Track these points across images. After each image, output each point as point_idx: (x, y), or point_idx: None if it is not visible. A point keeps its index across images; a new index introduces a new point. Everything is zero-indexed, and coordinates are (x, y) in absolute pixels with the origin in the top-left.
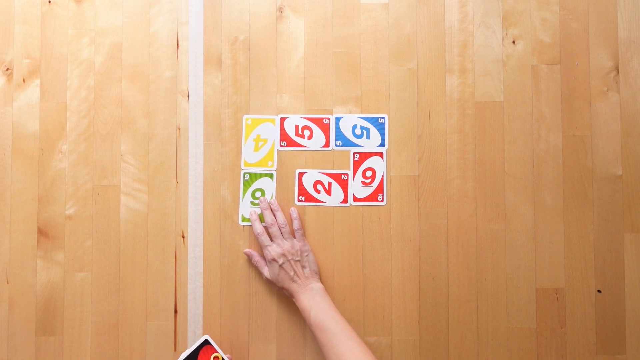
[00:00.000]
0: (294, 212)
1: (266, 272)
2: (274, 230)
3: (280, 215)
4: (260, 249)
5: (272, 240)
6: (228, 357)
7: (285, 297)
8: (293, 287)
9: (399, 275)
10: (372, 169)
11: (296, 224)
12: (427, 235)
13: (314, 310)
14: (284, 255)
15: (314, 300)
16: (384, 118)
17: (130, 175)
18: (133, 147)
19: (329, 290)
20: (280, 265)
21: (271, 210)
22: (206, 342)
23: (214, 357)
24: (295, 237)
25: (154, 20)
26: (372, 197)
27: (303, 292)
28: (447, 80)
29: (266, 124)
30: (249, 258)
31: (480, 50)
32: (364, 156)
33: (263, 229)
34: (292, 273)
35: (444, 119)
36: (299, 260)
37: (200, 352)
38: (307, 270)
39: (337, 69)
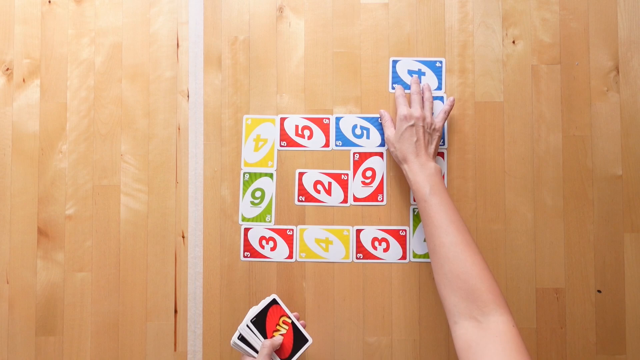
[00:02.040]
0: (427, 87)
1: (390, 131)
2: (416, 97)
3: (428, 93)
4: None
5: (410, 105)
6: (295, 316)
7: (285, 298)
8: (410, 154)
9: (399, 275)
10: (372, 169)
11: (442, 109)
12: None
13: (430, 187)
14: (417, 118)
15: (431, 177)
16: None
17: (130, 175)
18: (133, 147)
19: (328, 290)
20: (411, 125)
21: (417, 83)
22: (274, 301)
23: (283, 321)
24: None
25: (154, 20)
26: (372, 197)
27: (420, 164)
28: (447, 80)
29: (266, 124)
30: (380, 117)
31: (480, 50)
32: (364, 156)
33: (403, 93)
34: (416, 138)
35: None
36: (429, 134)
37: (269, 312)
38: (431, 147)
39: (337, 69)
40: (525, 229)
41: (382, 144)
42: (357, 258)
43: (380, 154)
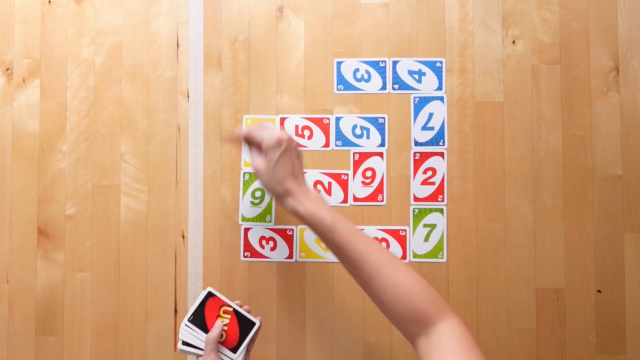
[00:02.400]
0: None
1: (258, 160)
2: (267, 124)
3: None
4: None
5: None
6: (237, 304)
7: (285, 298)
8: (292, 184)
9: None
10: (372, 169)
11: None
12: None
13: (330, 216)
14: (290, 141)
15: (323, 205)
16: (384, 118)
17: (130, 175)
18: (133, 147)
19: (328, 289)
20: (284, 151)
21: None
22: (210, 294)
23: (223, 311)
24: None
25: (154, 20)
26: (372, 197)
27: (304, 193)
28: (447, 80)
29: None
30: (246, 140)
31: (480, 50)
32: (364, 156)
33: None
34: (291, 164)
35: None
36: (299, 157)
37: (207, 306)
38: (303, 173)
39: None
40: (525, 229)
41: (382, 144)
42: None
43: (380, 154)
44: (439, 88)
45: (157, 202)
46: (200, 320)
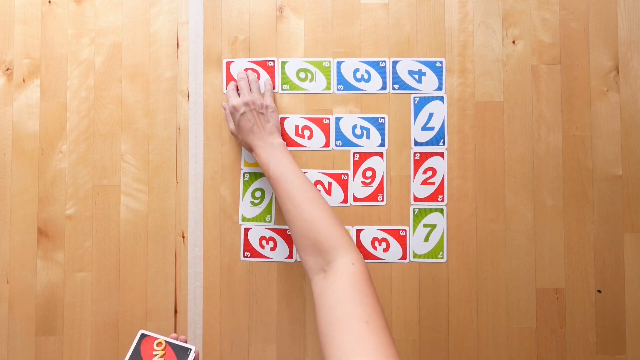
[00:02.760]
0: (268, 82)
1: (231, 124)
2: (243, 84)
3: (252, 75)
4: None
5: (239, 93)
6: (172, 337)
7: (285, 298)
8: (252, 139)
9: (399, 275)
10: (372, 169)
11: (268, 85)
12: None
13: (272, 163)
14: (246, 104)
15: (273, 154)
16: (384, 118)
17: (130, 175)
18: (133, 147)
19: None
20: (242, 114)
21: (247, 76)
22: (142, 335)
23: (157, 344)
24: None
25: (154, 20)
26: (372, 197)
27: (262, 145)
28: (447, 80)
29: None
30: (225, 111)
31: (480, 50)
32: (364, 156)
33: (234, 86)
34: (251, 124)
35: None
36: (262, 114)
37: (142, 348)
38: (269, 125)
39: None
40: (525, 229)
41: (382, 144)
42: None
43: (380, 154)
44: (439, 88)
45: (157, 202)
46: None
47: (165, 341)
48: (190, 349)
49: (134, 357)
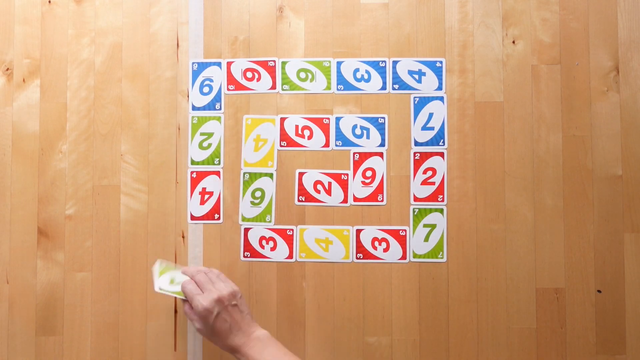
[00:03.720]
0: (213, 271)
1: (199, 324)
2: (201, 277)
3: (202, 267)
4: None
5: (201, 289)
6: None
7: (285, 298)
8: (234, 340)
9: (399, 275)
10: (372, 169)
11: (216, 272)
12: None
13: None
14: (218, 301)
15: (264, 351)
16: (384, 118)
17: (130, 175)
18: (133, 147)
19: (328, 290)
20: (216, 315)
21: (202, 269)
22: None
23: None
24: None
25: (154, 20)
26: (372, 197)
27: (248, 344)
28: (447, 80)
29: (266, 124)
30: (189, 316)
31: (480, 50)
32: (364, 156)
33: (193, 285)
34: (228, 324)
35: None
36: (236, 305)
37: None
38: (244, 315)
39: None
40: (525, 229)
41: (382, 144)
42: (357, 258)
43: (380, 154)
44: (439, 88)
45: (157, 202)
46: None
47: None
48: None
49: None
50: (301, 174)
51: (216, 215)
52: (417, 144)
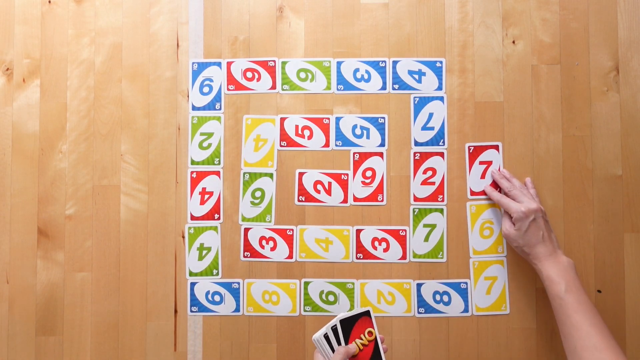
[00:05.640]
0: (529, 181)
1: (508, 224)
2: (516, 192)
3: (516, 181)
4: None
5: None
6: (381, 338)
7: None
8: (540, 250)
9: (398, 275)
10: (372, 169)
11: (533, 192)
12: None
13: (565, 284)
14: (536, 212)
15: (567, 274)
16: (384, 118)
17: (130, 175)
18: (133, 147)
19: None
20: (532, 220)
21: (506, 178)
22: (367, 313)
23: (368, 332)
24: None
25: (154, 20)
26: (372, 197)
27: (551, 260)
28: (447, 80)
29: (266, 124)
30: (497, 202)
31: (480, 50)
32: (364, 156)
33: (495, 190)
34: (541, 233)
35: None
36: (547, 221)
37: (359, 321)
38: (553, 235)
39: None
40: None
41: (382, 144)
42: (357, 258)
43: (380, 154)
44: (439, 88)
45: (157, 202)
46: (348, 328)
47: (376, 338)
48: None
49: (348, 321)
50: (301, 174)
51: (216, 215)
52: (417, 144)
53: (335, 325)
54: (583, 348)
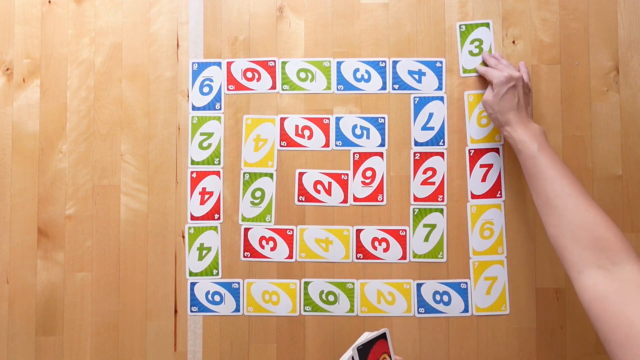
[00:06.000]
0: (522, 64)
1: (488, 93)
2: (502, 66)
3: (504, 60)
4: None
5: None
6: (397, 359)
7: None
8: (513, 117)
9: (398, 275)
10: (372, 169)
11: (526, 69)
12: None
13: (537, 145)
14: (517, 79)
15: (538, 137)
16: (384, 118)
17: (130, 175)
18: (133, 147)
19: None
20: (512, 86)
21: (495, 58)
22: (384, 335)
23: (383, 357)
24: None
25: (154, 20)
26: (372, 197)
27: (523, 126)
28: (447, 80)
29: (266, 124)
30: (482, 74)
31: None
32: (364, 156)
33: (484, 66)
34: (516, 100)
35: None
36: (525, 94)
37: (376, 345)
38: (529, 108)
39: None
40: (525, 228)
41: (382, 144)
42: (357, 258)
43: (380, 154)
44: (439, 88)
45: (157, 202)
46: (365, 353)
47: None
48: None
49: (366, 346)
50: (301, 174)
51: (216, 215)
52: (417, 144)
53: (352, 356)
54: (556, 196)
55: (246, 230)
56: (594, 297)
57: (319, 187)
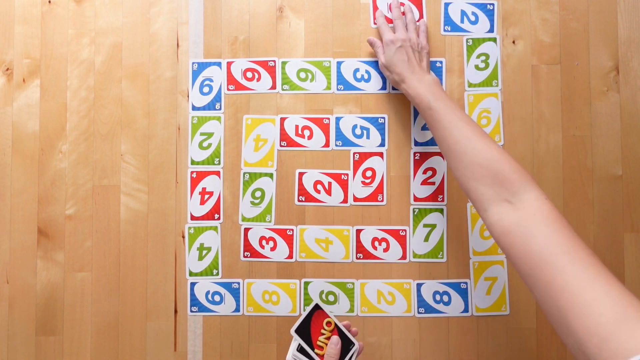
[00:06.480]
0: (422, 22)
1: (382, 57)
2: (399, 22)
3: (410, 15)
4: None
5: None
6: (346, 325)
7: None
8: (405, 72)
9: (398, 275)
10: (372, 169)
11: (424, 27)
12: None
13: (431, 96)
14: (404, 40)
15: (432, 88)
16: (384, 118)
17: (130, 175)
18: (133, 147)
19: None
20: (399, 47)
21: (399, 8)
22: (317, 307)
23: (327, 322)
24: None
25: (154, 20)
26: (372, 197)
27: (417, 79)
28: (447, 80)
29: (266, 124)
30: (371, 45)
31: None
32: (364, 156)
33: (385, 20)
34: (406, 58)
35: None
36: (418, 52)
37: (313, 318)
38: (423, 64)
39: None
40: None
41: (382, 144)
42: (357, 258)
43: (380, 154)
44: None
45: (157, 202)
46: (305, 332)
47: (336, 324)
48: (354, 344)
49: (303, 325)
50: (301, 174)
51: (216, 215)
52: (417, 144)
53: (296, 342)
54: (455, 142)
55: (246, 230)
56: (501, 232)
57: (319, 187)
